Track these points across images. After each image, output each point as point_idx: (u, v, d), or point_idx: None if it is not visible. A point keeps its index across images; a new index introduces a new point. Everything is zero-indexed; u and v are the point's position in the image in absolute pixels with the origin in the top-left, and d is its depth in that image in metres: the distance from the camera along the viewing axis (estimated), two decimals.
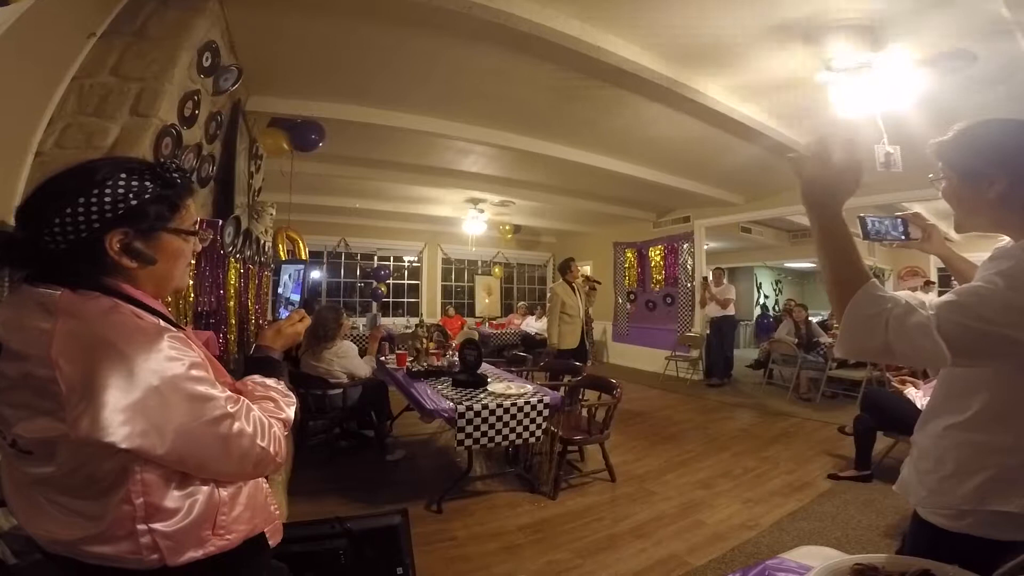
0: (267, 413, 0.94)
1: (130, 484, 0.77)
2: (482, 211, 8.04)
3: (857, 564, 0.85)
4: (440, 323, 8.61)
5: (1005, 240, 1.00)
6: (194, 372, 0.80)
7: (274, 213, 4.92)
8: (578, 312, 5.22)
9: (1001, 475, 0.94)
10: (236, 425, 0.84)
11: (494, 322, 9.81)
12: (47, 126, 1.87)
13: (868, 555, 0.88)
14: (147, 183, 0.86)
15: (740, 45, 3.06)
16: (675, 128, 4.41)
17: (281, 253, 4.89)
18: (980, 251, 1.09)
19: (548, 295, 5.46)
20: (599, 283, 6.00)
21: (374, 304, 9.74)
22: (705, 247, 8.05)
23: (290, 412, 1.02)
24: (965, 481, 0.99)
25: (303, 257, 5.17)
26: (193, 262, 2.18)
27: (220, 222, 2.96)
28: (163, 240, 0.88)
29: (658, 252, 8.54)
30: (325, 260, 9.34)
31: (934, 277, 9.16)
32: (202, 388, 0.81)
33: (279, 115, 3.98)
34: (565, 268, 5.42)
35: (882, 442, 3.52)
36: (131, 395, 0.73)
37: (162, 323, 0.83)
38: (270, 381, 1.05)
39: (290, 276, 1.30)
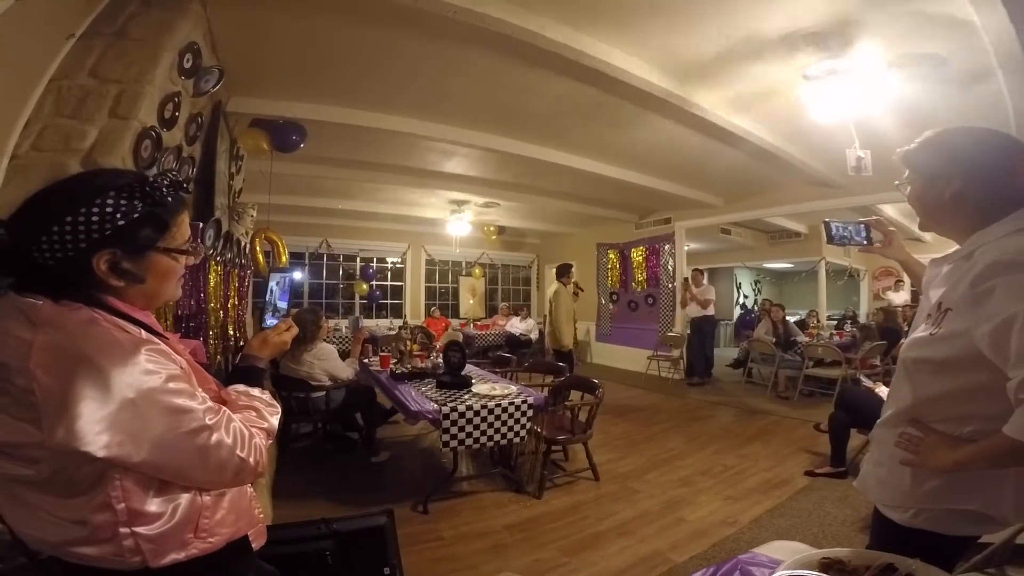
0: (249, 423, 0.95)
1: (110, 489, 0.79)
2: (465, 212, 8.05)
3: (824, 558, 0.89)
4: (424, 324, 8.61)
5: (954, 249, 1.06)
6: (171, 385, 0.81)
7: (255, 215, 4.87)
8: (574, 314, 5.64)
9: (961, 476, 0.98)
10: (214, 436, 0.85)
11: (479, 323, 9.82)
12: (23, 128, 1.84)
13: (835, 549, 0.92)
14: (136, 202, 0.85)
15: (721, 54, 3.12)
16: (657, 132, 4.48)
17: (259, 255, 4.83)
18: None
19: (551, 297, 5.59)
20: (582, 289, 6.18)
21: (357, 306, 9.68)
22: (686, 248, 8.17)
23: (273, 421, 1.03)
24: (925, 482, 1.03)
25: (283, 260, 5.12)
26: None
27: (200, 225, 2.93)
28: (152, 260, 0.88)
29: (640, 253, 8.63)
30: (307, 261, 9.26)
31: (906, 277, 9.39)
32: (179, 400, 0.82)
33: (261, 116, 3.94)
34: (564, 272, 5.57)
35: (857, 439, 3.61)
36: (106, 407, 0.74)
37: (143, 335, 0.84)
38: (254, 390, 1.06)
39: (278, 283, 1.31)
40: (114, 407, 0.75)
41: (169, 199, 0.89)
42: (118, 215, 0.82)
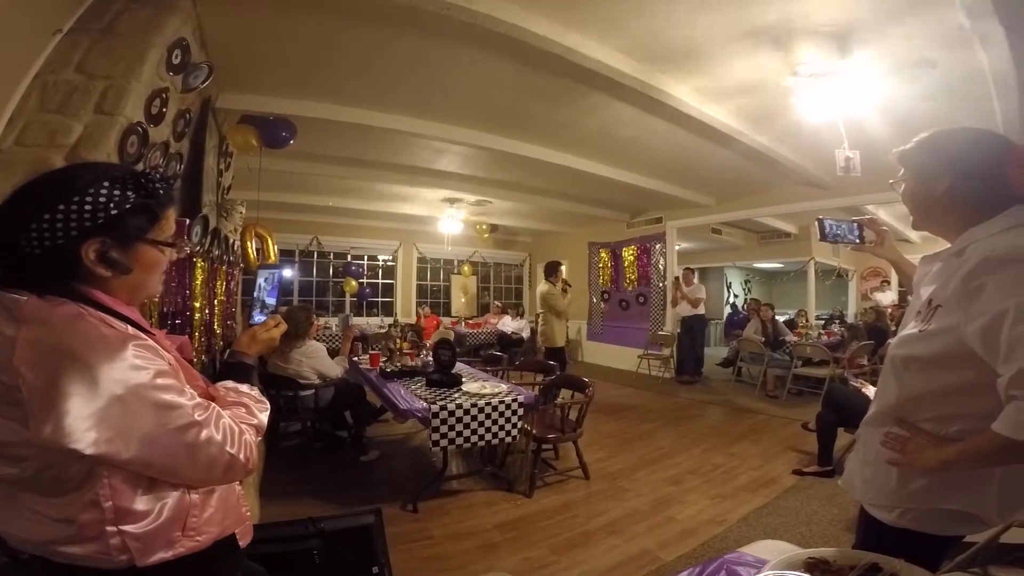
0: (238, 419, 0.94)
1: (98, 487, 0.79)
2: (457, 210, 8.04)
3: (810, 558, 0.90)
4: (416, 322, 8.59)
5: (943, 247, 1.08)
6: (160, 381, 0.81)
7: (244, 211, 4.82)
8: (565, 311, 5.61)
9: (947, 476, 0.99)
10: (204, 433, 0.84)
11: (470, 321, 9.81)
12: (7, 123, 1.81)
13: (820, 549, 0.93)
14: (129, 192, 0.86)
15: (711, 50, 3.12)
16: (649, 131, 4.49)
17: (249, 251, 4.79)
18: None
19: (542, 297, 5.57)
20: (570, 285, 6.20)
21: (347, 303, 9.64)
22: (677, 247, 8.21)
23: (263, 418, 1.03)
24: (910, 481, 1.04)
25: (272, 255, 5.07)
26: None
27: (187, 221, 2.90)
28: (140, 250, 0.88)
29: (631, 252, 8.67)
30: (297, 259, 9.20)
31: (893, 278, 9.50)
32: (168, 396, 0.81)
33: (251, 112, 3.91)
34: (552, 270, 5.56)
35: (844, 438, 3.65)
36: (94, 403, 0.73)
37: (130, 330, 0.83)
38: (243, 387, 1.05)
39: (266, 280, 1.31)
40: (102, 403, 0.74)
41: (160, 192, 0.90)
42: (111, 204, 0.83)
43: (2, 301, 0.77)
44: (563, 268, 5.78)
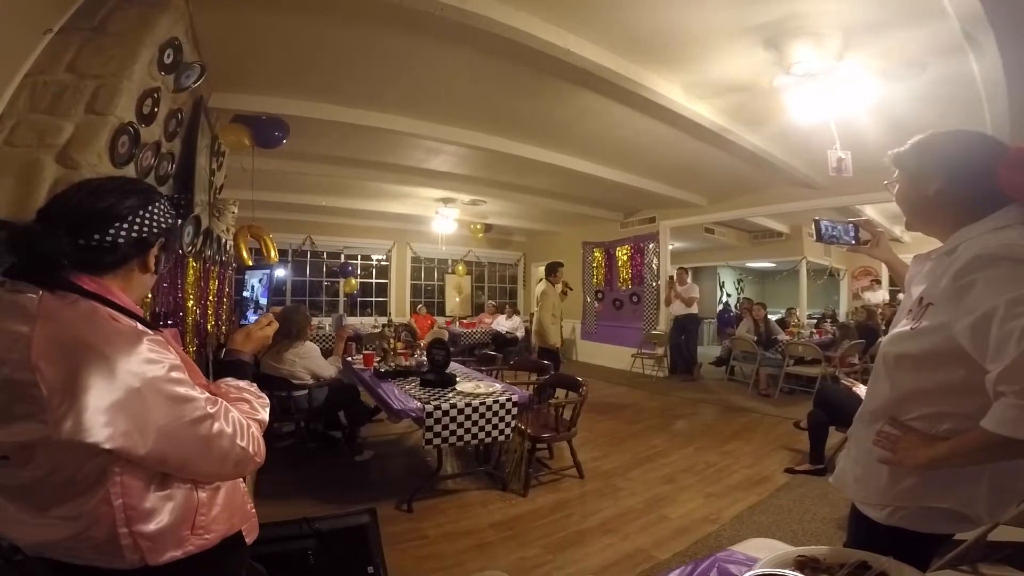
0: (244, 414, 0.97)
1: (110, 486, 0.79)
2: (451, 209, 8.03)
3: (800, 556, 0.91)
4: (411, 320, 8.58)
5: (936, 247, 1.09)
6: (174, 374, 0.83)
7: (236, 211, 4.80)
8: (560, 313, 5.60)
9: (937, 474, 1.00)
10: (216, 425, 0.87)
11: (464, 321, 9.80)
12: None
13: (811, 547, 0.94)
14: (173, 209, 1.02)
15: (704, 47, 3.12)
16: (643, 131, 4.50)
17: (243, 252, 4.76)
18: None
19: (538, 295, 5.57)
20: (571, 288, 6.20)
21: (341, 303, 9.61)
22: (670, 247, 8.24)
23: (264, 414, 1.05)
24: (901, 479, 1.04)
25: (271, 256, 5.05)
26: None
27: (179, 221, 2.88)
28: (165, 255, 0.99)
29: (625, 252, 8.69)
30: (290, 258, 9.16)
31: (884, 277, 9.59)
32: (182, 390, 0.83)
33: (243, 112, 3.89)
34: (553, 270, 5.58)
35: (836, 436, 3.68)
36: (112, 396, 0.74)
37: (139, 326, 0.85)
38: (243, 383, 1.08)
39: (260, 280, 1.32)
40: (120, 396, 0.75)
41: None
42: (169, 214, 0.98)
43: (15, 299, 0.78)
44: (562, 269, 5.77)
